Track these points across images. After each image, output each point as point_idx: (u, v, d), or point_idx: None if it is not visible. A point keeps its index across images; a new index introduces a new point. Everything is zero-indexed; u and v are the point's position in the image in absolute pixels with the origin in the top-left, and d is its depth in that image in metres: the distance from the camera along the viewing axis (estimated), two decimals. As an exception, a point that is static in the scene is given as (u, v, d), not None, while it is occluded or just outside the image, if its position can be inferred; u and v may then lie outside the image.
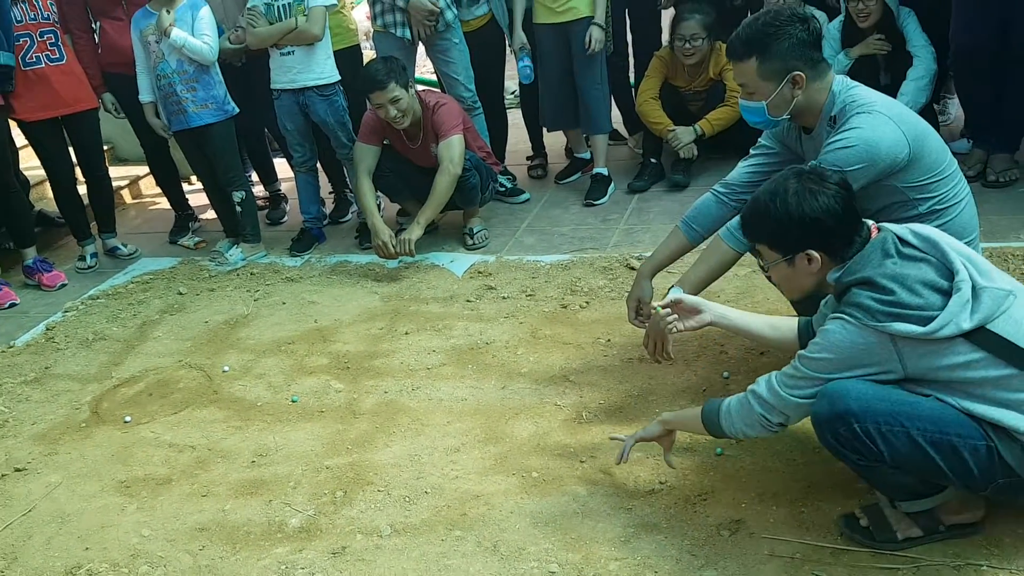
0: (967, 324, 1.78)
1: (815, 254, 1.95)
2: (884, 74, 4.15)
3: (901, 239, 1.91)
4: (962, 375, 1.83)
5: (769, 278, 2.25)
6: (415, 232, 3.97)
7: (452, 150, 3.95)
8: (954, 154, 2.55)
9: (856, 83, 2.48)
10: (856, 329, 1.85)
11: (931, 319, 1.79)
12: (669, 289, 2.67)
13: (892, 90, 4.05)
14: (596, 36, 4.33)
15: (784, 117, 2.48)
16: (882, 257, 1.89)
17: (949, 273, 1.84)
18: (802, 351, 1.96)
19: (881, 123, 2.34)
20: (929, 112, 4.22)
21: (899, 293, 1.82)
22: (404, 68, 3.97)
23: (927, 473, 1.89)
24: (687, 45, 4.42)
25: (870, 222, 1.99)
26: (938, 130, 4.27)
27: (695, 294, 2.61)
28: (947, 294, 1.82)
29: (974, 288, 1.81)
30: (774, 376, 2.00)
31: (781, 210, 1.94)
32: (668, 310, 2.40)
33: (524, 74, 4.60)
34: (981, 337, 1.80)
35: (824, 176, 1.95)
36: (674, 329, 2.39)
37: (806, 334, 2.24)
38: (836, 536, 2.09)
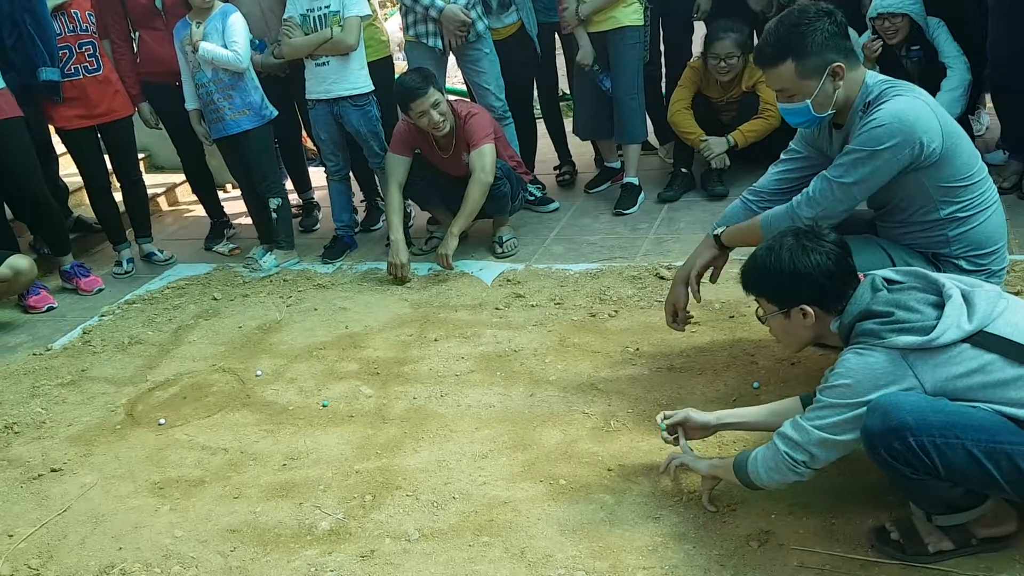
0: (968, 325, 1.83)
1: (809, 309, 2.04)
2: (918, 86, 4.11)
3: (887, 279, 2.01)
4: (980, 380, 1.83)
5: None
6: (451, 244, 4.01)
7: (484, 159, 3.98)
8: (989, 165, 2.52)
9: (892, 78, 2.46)
10: (867, 353, 1.90)
11: (932, 328, 1.84)
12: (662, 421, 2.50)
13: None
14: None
15: (830, 112, 2.43)
16: (871, 292, 1.98)
17: (938, 290, 1.93)
18: (821, 385, 2.00)
19: (917, 105, 2.31)
20: (963, 123, 4.17)
21: (897, 312, 1.90)
22: (434, 74, 4.02)
23: (980, 484, 1.86)
24: (722, 64, 4.41)
25: (859, 273, 2.07)
26: (973, 140, 4.27)
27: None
28: (941, 306, 1.89)
29: (964, 294, 1.89)
30: (798, 416, 2.03)
31: (775, 265, 2.05)
32: (673, 436, 2.39)
33: (606, 87, 4.60)
34: (984, 340, 1.84)
35: (820, 235, 2.06)
36: (674, 443, 2.40)
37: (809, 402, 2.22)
38: (866, 548, 2.07)
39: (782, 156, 2.77)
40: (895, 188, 2.39)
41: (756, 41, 4.62)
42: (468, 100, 4.64)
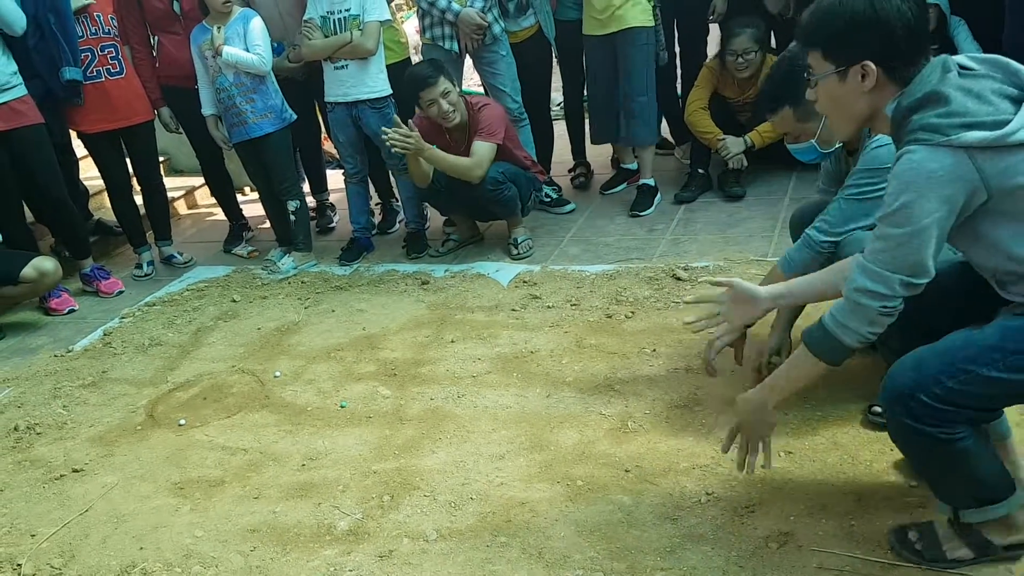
0: None
1: (872, 67, 1.75)
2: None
3: (960, 63, 1.74)
4: None
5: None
6: (424, 148, 3.92)
7: (478, 154, 3.99)
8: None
9: None
10: (926, 153, 1.64)
11: (1005, 123, 1.61)
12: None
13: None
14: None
15: (837, 146, 2.54)
16: (942, 72, 1.71)
17: (1019, 84, 1.68)
18: (879, 214, 1.74)
19: None
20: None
21: (966, 103, 1.64)
22: (446, 67, 4.03)
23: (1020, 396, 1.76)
24: (739, 60, 4.39)
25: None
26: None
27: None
28: (1019, 102, 1.65)
29: None
30: (864, 261, 1.77)
31: (848, 7, 1.75)
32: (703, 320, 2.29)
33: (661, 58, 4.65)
34: None
35: None
36: (711, 335, 2.29)
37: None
38: (886, 550, 2.06)
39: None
40: None
41: (774, 39, 4.63)
42: (484, 96, 4.64)
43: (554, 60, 4.89)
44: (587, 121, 4.96)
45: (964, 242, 1.80)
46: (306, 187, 5.18)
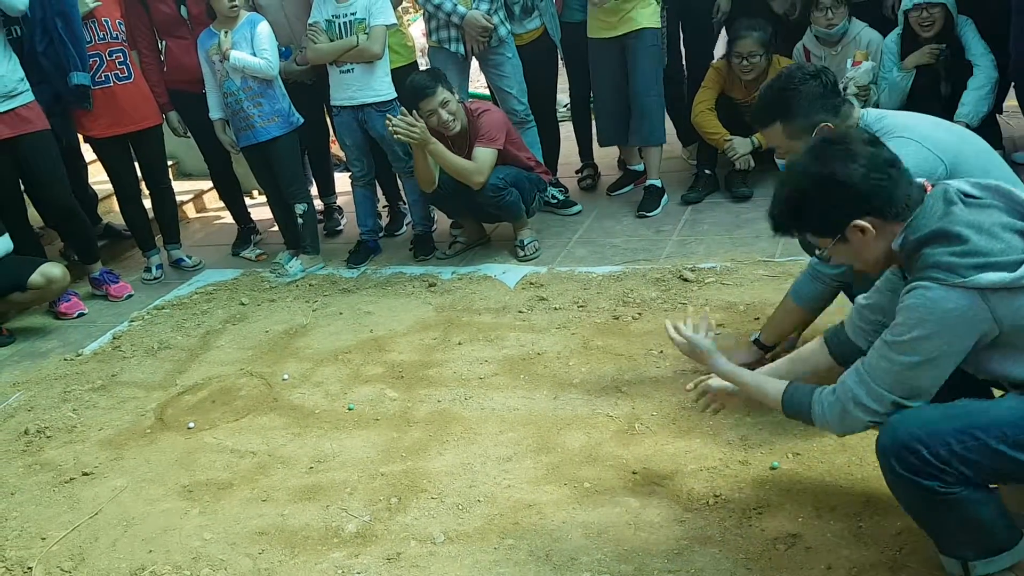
0: None
1: (862, 223, 1.75)
2: (944, 84, 4.07)
3: (962, 191, 1.74)
4: None
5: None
6: (429, 141, 3.93)
7: (480, 161, 4.00)
8: (1018, 165, 2.51)
9: (887, 112, 2.55)
10: (942, 293, 1.64)
11: (1020, 263, 1.60)
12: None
13: (953, 100, 3.98)
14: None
15: None
16: (945, 205, 1.70)
17: (1021, 215, 1.68)
18: (886, 336, 1.74)
19: (903, 147, 2.35)
20: (991, 121, 4.13)
21: (977, 240, 1.63)
22: (445, 76, 4.03)
23: (1019, 477, 1.71)
24: (744, 63, 4.39)
25: (921, 179, 1.81)
26: (1001, 139, 4.22)
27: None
28: None
29: None
30: (862, 370, 1.79)
31: (799, 195, 1.79)
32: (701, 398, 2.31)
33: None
34: None
35: (848, 139, 1.79)
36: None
37: (835, 341, 2.12)
38: (895, 551, 2.06)
39: None
40: None
41: (782, 41, 4.63)
42: (485, 101, 4.65)
43: (560, 62, 4.89)
44: (594, 124, 4.96)
45: (966, 364, 1.79)
46: (314, 190, 5.20)
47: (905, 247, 1.74)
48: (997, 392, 1.89)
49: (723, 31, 5.00)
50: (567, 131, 5.20)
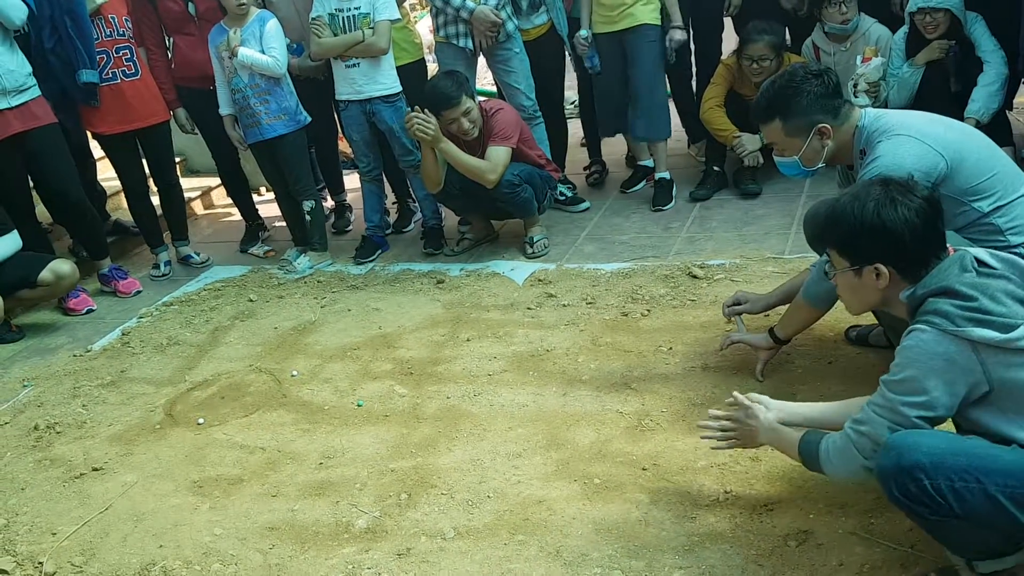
0: None
1: (884, 269, 1.85)
2: (954, 81, 4.05)
3: (979, 259, 1.82)
4: None
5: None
6: (440, 140, 3.94)
7: (494, 159, 3.99)
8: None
9: (886, 111, 2.56)
10: (934, 337, 1.73)
11: (1015, 326, 1.68)
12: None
13: (963, 97, 3.96)
14: (676, 37, 4.47)
15: (820, 166, 2.59)
16: (959, 271, 1.79)
17: None
18: (884, 376, 1.83)
19: (902, 144, 2.40)
20: (1002, 117, 4.11)
21: (981, 300, 1.71)
22: (467, 79, 4.03)
23: (1007, 529, 1.72)
24: (755, 65, 4.37)
25: (948, 245, 1.88)
26: (1011, 136, 4.20)
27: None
28: None
29: None
30: (866, 408, 1.86)
31: (857, 215, 1.84)
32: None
33: (592, 64, 4.64)
34: None
35: (912, 188, 1.85)
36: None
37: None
38: (907, 547, 2.05)
39: None
40: None
41: (790, 40, 4.62)
42: (498, 100, 4.64)
43: (567, 58, 4.88)
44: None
45: (961, 418, 1.83)
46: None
47: (912, 300, 1.83)
48: None
49: (730, 23, 4.98)
50: (575, 127, 5.18)
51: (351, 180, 5.22)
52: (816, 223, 2.02)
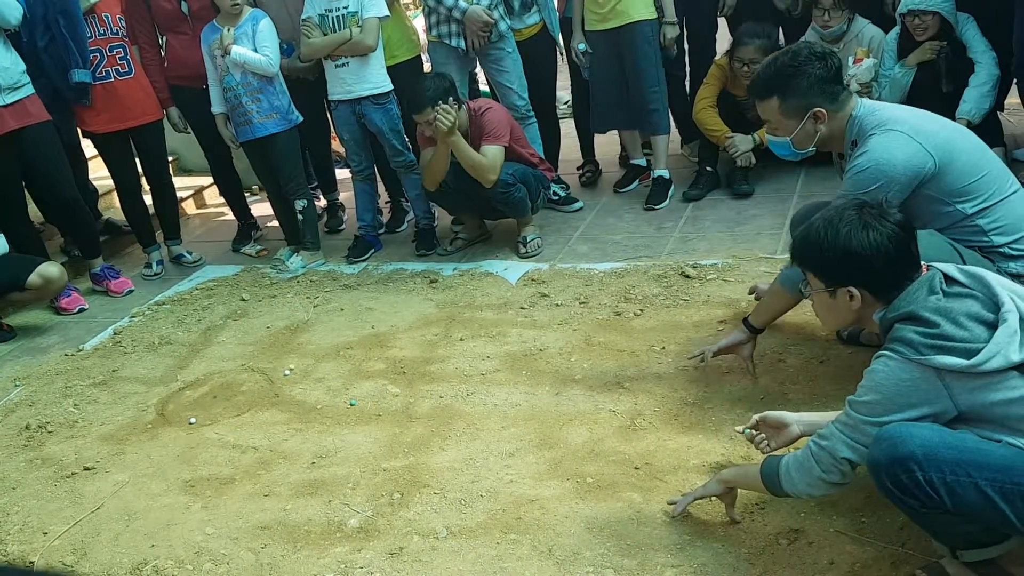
0: (1016, 356, 1.68)
1: (857, 292, 1.88)
2: (946, 82, 4.07)
3: (948, 276, 1.84)
4: (1019, 411, 1.70)
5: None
6: (455, 131, 3.92)
7: (491, 158, 3.98)
8: (1018, 162, 2.52)
9: (882, 104, 2.58)
10: (899, 364, 1.76)
11: (977, 351, 1.69)
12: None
13: (955, 98, 3.98)
14: (669, 35, 4.50)
15: (810, 150, 2.59)
16: (927, 293, 1.80)
17: (996, 307, 1.75)
18: (851, 396, 1.86)
19: (893, 140, 2.40)
20: (993, 118, 4.13)
21: (944, 326, 1.73)
22: (453, 84, 4.01)
23: (994, 524, 1.74)
24: (745, 68, 4.38)
25: (923, 264, 1.90)
26: (1002, 136, 4.22)
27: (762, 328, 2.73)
28: (994, 327, 1.72)
29: (1022, 319, 1.72)
30: (833, 424, 1.90)
31: (830, 240, 1.88)
32: (754, 431, 2.27)
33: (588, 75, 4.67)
34: None
35: (884, 213, 1.87)
36: (766, 448, 2.24)
37: None
38: (897, 546, 2.06)
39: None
40: (916, 207, 2.43)
41: (784, 41, 4.63)
42: (487, 99, 4.64)
43: (560, 58, 4.89)
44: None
45: None
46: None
47: (884, 323, 1.87)
48: None
49: (723, 23, 4.99)
50: (568, 127, 5.19)
51: (344, 181, 5.21)
52: (793, 242, 2.04)
